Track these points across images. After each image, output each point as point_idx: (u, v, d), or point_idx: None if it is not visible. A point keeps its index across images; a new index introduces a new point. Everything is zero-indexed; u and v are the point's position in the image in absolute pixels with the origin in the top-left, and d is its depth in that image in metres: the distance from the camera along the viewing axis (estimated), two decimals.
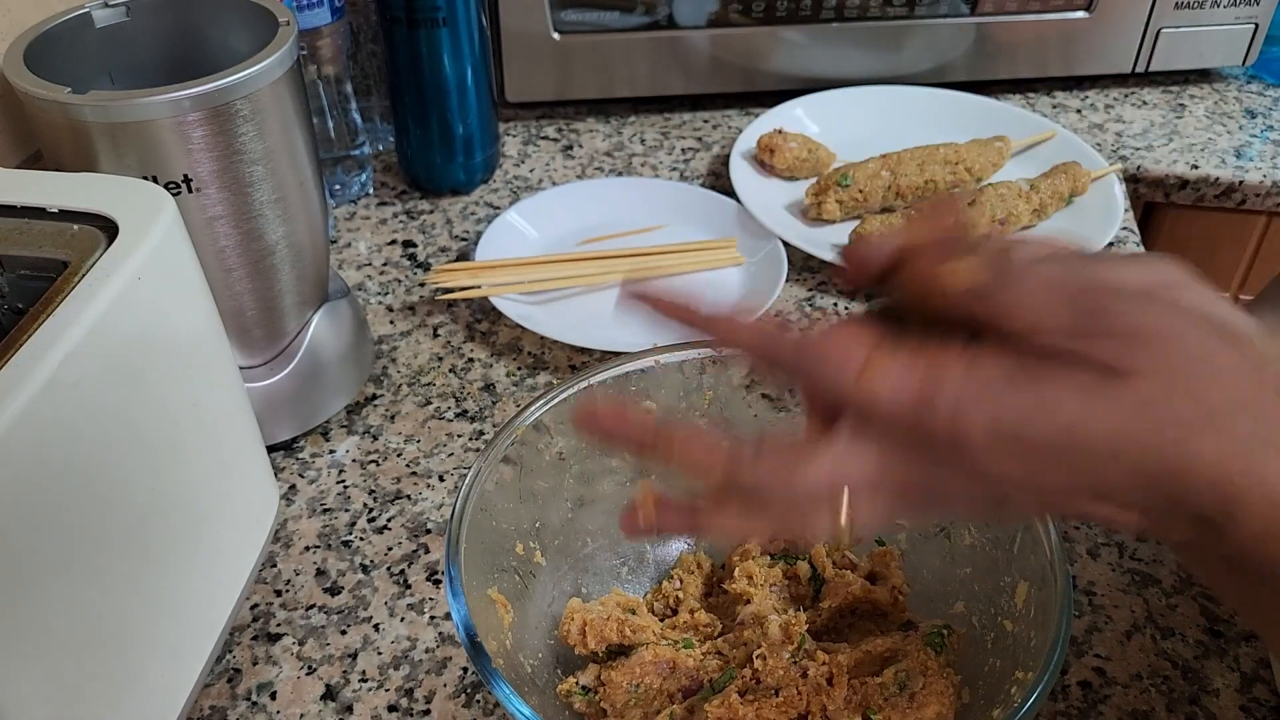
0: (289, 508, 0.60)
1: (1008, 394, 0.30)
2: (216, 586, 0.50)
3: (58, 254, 0.41)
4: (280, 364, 0.62)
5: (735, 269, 0.77)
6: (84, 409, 0.38)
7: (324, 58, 0.79)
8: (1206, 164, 0.90)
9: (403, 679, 0.51)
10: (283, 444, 0.63)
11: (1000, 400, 0.30)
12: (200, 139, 0.51)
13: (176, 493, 0.45)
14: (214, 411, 0.48)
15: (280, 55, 0.53)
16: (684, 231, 0.80)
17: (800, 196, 0.83)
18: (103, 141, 0.50)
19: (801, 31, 0.92)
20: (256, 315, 0.59)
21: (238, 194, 0.54)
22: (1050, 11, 0.93)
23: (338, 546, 0.58)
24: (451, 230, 0.83)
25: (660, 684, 0.46)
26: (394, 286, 0.77)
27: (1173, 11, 0.93)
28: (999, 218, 0.78)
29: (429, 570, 0.57)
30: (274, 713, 0.50)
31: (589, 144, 0.94)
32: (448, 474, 0.62)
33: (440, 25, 0.76)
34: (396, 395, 0.68)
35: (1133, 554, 0.57)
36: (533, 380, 0.69)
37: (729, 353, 0.50)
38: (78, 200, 0.43)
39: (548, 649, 0.48)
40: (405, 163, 0.87)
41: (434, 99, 0.80)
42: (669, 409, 0.52)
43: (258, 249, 0.56)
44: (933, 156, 0.82)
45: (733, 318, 0.35)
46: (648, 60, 0.93)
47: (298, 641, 0.53)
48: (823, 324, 0.33)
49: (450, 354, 0.71)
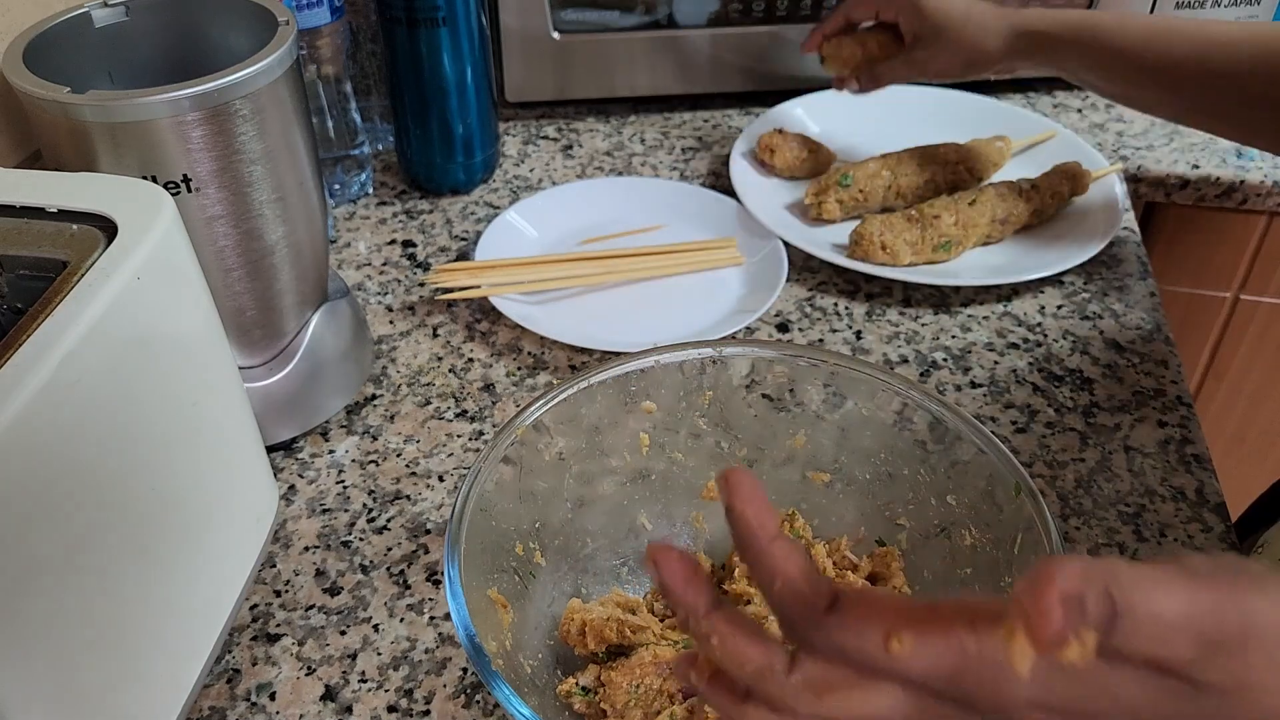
0: (288, 508, 0.60)
1: (1055, 676, 0.27)
2: (216, 586, 0.50)
3: (57, 254, 0.41)
4: (280, 364, 0.62)
5: (735, 269, 0.77)
6: (83, 409, 0.38)
7: (324, 57, 0.79)
8: (1207, 164, 0.90)
9: (402, 679, 0.51)
10: (282, 444, 0.63)
11: (1049, 682, 0.27)
12: (199, 139, 0.51)
13: (176, 493, 0.45)
14: (213, 411, 0.48)
15: (280, 55, 0.53)
16: (684, 231, 0.80)
17: (800, 196, 0.83)
18: (102, 141, 0.50)
19: (801, 31, 0.92)
20: (256, 315, 0.59)
21: (237, 194, 0.54)
22: None
23: (337, 547, 0.58)
24: (451, 230, 0.83)
25: (660, 684, 0.46)
26: (394, 286, 0.77)
27: (1173, 11, 0.93)
28: (999, 218, 0.78)
29: (429, 570, 0.57)
30: (273, 713, 0.50)
31: (589, 144, 0.94)
32: (447, 474, 0.62)
33: (440, 25, 0.76)
34: (396, 395, 0.68)
35: (1133, 555, 0.57)
36: (533, 380, 0.69)
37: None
38: (77, 200, 0.43)
39: (548, 649, 0.48)
40: (405, 162, 0.86)
41: (434, 99, 0.80)
42: (669, 409, 0.52)
43: (257, 249, 0.56)
44: (933, 156, 0.82)
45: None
46: (648, 60, 0.93)
47: (297, 642, 0.53)
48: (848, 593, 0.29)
49: (450, 354, 0.71)
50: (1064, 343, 0.72)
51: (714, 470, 0.54)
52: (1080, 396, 0.67)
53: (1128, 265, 0.79)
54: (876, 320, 0.74)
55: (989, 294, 0.76)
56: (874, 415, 0.50)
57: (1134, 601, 0.26)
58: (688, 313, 0.73)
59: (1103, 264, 0.79)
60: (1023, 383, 0.68)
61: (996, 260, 0.78)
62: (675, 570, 0.31)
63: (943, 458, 0.48)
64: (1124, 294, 0.76)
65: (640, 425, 0.52)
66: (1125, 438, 0.64)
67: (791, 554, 0.30)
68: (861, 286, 0.77)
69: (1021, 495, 0.44)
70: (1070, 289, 0.77)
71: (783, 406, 0.52)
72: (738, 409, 0.53)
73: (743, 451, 0.53)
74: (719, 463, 0.54)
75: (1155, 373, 0.69)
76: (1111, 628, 0.26)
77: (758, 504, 0.31)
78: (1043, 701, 0.28)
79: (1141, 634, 0.26)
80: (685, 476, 0.54)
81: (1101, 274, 0.78)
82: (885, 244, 0.75)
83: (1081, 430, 0.65)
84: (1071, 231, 0.80)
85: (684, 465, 0.53)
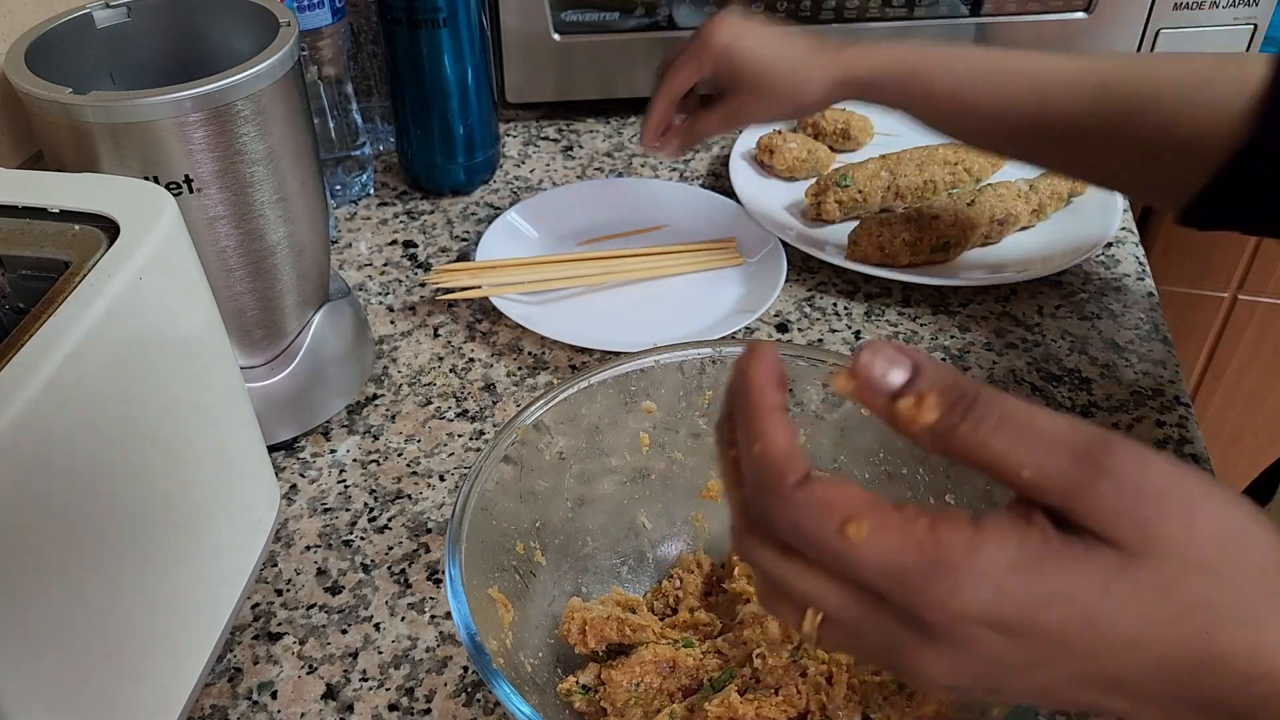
0: (290, 507, 0.60)
1: (1012, 579, 0.27)
2: (217, 585, 0.50)
3: (59, 254, 0.41)
4: (281, 364, 0.62)
5: (735, 269, 0.77)
6: (85, 409, 0.38)
7: (325, 58, 0.79)
8: None
9: (403, 678, 0.52)
10: (284, 444, 0.63)
11: (1003, 585, 0.27)
12: (201, 139, 0.51)
13: (177, 492, 0.45)
14: (215, 411, 0.48)
15: (281, 56, 0.53)
16: (684, 231, 0.80)
17: (800, 196, 0.83)
18: (104, 142, 0.50)
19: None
20: (257, 315, 0.59)
21: (239, 194, 0.54)
22: (1049, 12, 0.93)
23: (338, 546, 0.58)
24: (452, 230, 0.83)
25: (660, 683, 0.46)
26: (394, 287, 0.77)
27: (1171, 12, 0.93)
28: (998, 218, 0.78)
29: (429, 570, 0.57)
30: (275, 712, 0.50)
31: (589, 144, 0.94)
32: (448, 474, 0.62)
33: (441, 26, 0.77)
34: (397, 395, 0.68)
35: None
36: (533, 380, 0.69)
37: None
38: (79, 200, 0.43)
39: (548, 648, 0.48)
40: (406, 163, 0.87)
41: (434, 100, 0.80)
42: (669, 409, 0.52)
43: (259, 249, 0.57)
44: (932, 156, 0.82)
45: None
46: (648, 61, 0.93)
47: (298, 641, 0.53)
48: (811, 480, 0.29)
49: (451, 354, 0.71)
50: (1062, 343, 0.72)
51: (714, 470, 0.54)
52: (1078, 396, 0.67)
53: (1126, 265, 0.79)
54: (875, 320, 0.74)
55: (987, 294, 0.76)
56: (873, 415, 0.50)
57: (993, 396, 0.28)
58: (688, 313, 0.73)
59: (1101, 264, 0.79)
60: (1021, 382, 0.69)
61: (995, 260, 0.78)
62: (767, 371, 0.30)
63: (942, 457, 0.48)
64: (1122, 294, 0.76)
65: (640, 425, 0.52)
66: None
67: (782, 426, 0.29)
68: (860, 286, 0.77)
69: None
70: (1068, 289, 0.77)
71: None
72: None
73: None
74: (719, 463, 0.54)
75: (1153, 373, 0.69)
76: (971, 406, 0.28)
77: (768, 372, 0.30)
78: (993, 613, 0.27)
79: (1007, 424, 0.27)
80: (685, 476, 0.54)
81: (1100, 274, 0.78)
82: (884, 244, 0.75)
83: None
84: (1070, 232, 0.80)
85: (684, 465, 0.54)
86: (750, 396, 0.30)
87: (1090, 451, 0.27)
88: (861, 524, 0.27)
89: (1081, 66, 0.62)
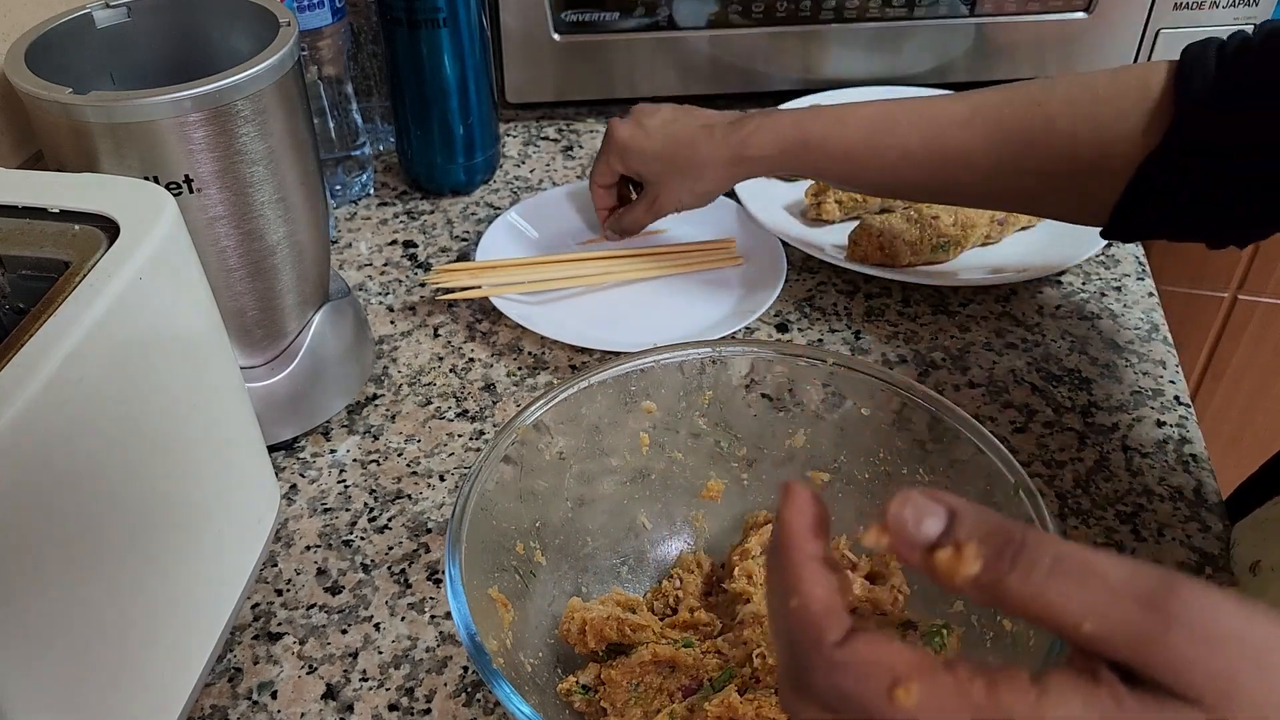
0: (290, 507, 0.60)
1: None
2: (217, 586, 0.50)
3: (59, 254, 0.41)
4: (281, 364, 0.62)
5: (735, 269, 0.77)
6: (85, 409, 0.38)
7: (325, 58, 0.79)
8: None
9: (403, 678, 0.52)
10: (284, 444, 0.63)
11: None
12: (201, 139, 0.51)
13: (178, 492, 0.45)
14: (215, 411, 0.48)
15: (281, 56, 0.53)
16: (684, 231, 0.80)
17: (800, 196, 0.84)
18: (104, 142, 0.50)
19: (801, 32, 0.92)
20: (257, 315, 0.59)
21: (239, 194, 0.54)
22: (1049, 12, 0.93)
23: (338, 546, 0.58)
24: (452, 230, 0.83)
25: (660, 683, 0.46)
26: (394, 287, 0.77)
27: (1171, 12, 0.93)
28: (998, 218, 0.78)
29: (429, 570, 0.57)
30: (275, 712, 0.50)
31: (589, 144, 0.94)
32: (448, 474, 0.62)
33: (441, 26, 0.77)
34: (397, 395, 0.68)
35: (1131, 553, 0.57)
36: (533, 380, 0.69)
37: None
38: (79, 200, 0.43)
39: (548, 648, 0.48)
40: (406, 163, 0.87)
41: (434, 100, 0.80)
42: (669, 409, 0.53)
43: (259, 249, 0.57)
44: None
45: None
46: (648, 62, 0.93)
47: (298, 641, 0.53)
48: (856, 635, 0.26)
49: (451, 354, 0.71)
50: (1062, 343, 0.72)
51: (714, 470, 0.54)
52: (1079, 396, 0.67)
53: (1126, 265, 0.79)
54: (875, 320, 0.74)
55: (987, 294, 0.76)
56: (873, 415, 0.51)
57: (1042, 538, 0.25)
58: (688, 313, 0.73)
59: (1101, 264, 0.79)
60: (1021, 382, 0.69)
61: (995, 260, 0.78)
62: (805, 513, 0.28)
63: (941, 457, 0.49)
64: (1122, 294, 0.76)
65: (640, 425, 0.52)
66: (1123, 437, 0.64)
67: (822, 579, 0.27)
68: (860, 287, 0.77)
69: (1020, 494, 0.44)
70: (1068, 289, 0.77)
71: (782, 406, 0.53)
72: (737, 409, 0.53)
73: (742, 451, 0.54)
74: (719, 462, 0.54)
75: (1153, 372, 0.69)
76: (1019, 553, 0.25)
77: (804, 518, 0.28)
78: None
79: (1061, 571, 0.25)
80: (685, 476, 0.54)
81: (1100, 274, 0.78)
82: (884, 244, 0.75)
83: (1080, 430, 0.65)
84: (1070, 231, 0.80)
85: (684, 465, 0.54)
86: (785, 546, 0.28)
87: (1155, 598, 0.25)
88: (911, 687, 0.25)
89: (975, 103, 0.62)
